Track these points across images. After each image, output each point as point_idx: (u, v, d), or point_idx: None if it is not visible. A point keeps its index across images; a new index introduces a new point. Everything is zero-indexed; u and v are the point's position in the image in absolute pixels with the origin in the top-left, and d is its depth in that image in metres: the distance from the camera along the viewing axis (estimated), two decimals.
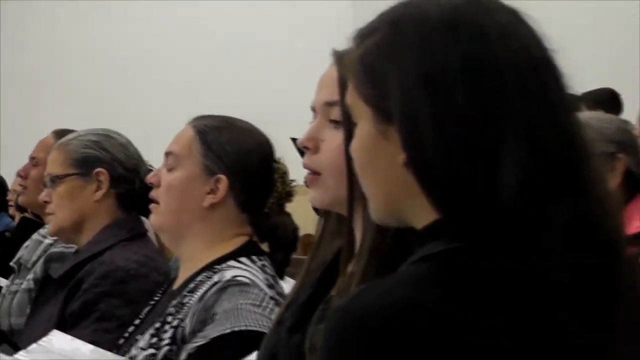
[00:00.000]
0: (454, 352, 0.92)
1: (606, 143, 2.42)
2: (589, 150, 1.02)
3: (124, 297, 2.17)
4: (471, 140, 0.95)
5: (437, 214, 0.97)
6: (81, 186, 2.33)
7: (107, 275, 2.21)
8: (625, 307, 0.98)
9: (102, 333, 2.12)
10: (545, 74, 1.00)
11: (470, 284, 0.93)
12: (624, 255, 1.00)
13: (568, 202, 0.96)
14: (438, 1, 1.01)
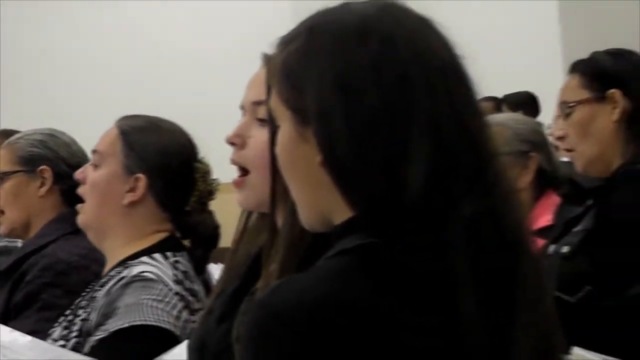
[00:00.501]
0: (377, 344, 0.95)
1: (521, 142, 2.61)
2: (494, 150, 1.07)
3: (65, 287, 2.27)
4: (381, 140, 0.99)
5: (352, 211, 1.01)
6: (26, 183, 2.44)
7: (49, 267, 2.31)
8: (527, 301, 1.02)
9: (44, 322, 2.21)
10: (452, 78, 1.05)
11: (383, 278, 0.96)
12: (527, 252, 1.04)
13: (473, 200, 1.00)
14: (352, 10, 1.06)
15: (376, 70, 1.00)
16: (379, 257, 0.97)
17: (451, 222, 0.99)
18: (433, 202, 0.99)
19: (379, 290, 0.96)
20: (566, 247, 2.20)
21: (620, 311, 2.08)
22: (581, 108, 2.27)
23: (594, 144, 2.25)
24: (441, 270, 0.98)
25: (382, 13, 1.05)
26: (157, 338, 1.74)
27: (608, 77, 2.26)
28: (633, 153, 2.20)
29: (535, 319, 1.03)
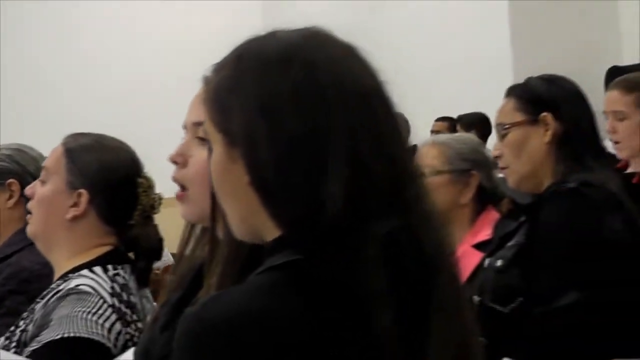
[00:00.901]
0: (298, 357, 0.99)
1: (462, 161, 2.73)
2: (415, 172, 1.11)
3: (28, 295, 2.32)
4: (302, 161, 1.03)
5: (279, 229, 1.05)
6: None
7: (14, 275, 2.41)
8: (443, 316, 1.05)
9: (6, 329, 2.30)
10: (375, 103, 1.08)
11: (307, 293, 1.00)
12: (445, 268, 1.07)
13: (391, 218, 1.03)
14: (278, 38, 1.10)
15: (297, 95, 1.04)
16: (304, 273, 1.01)
17: (369, 239, 1.02)
18: (351, 221, 1.02)
19: (304, 305, 1.00)
20: (500, 260, 2.33)
21: (550, 321, 2.21)
22: (516, 130, 2.40)
23: (527, 163, 2.39)
24: (358, 285, 1.01)
25: (306, 41, 1.09)
26: (89, 350, 1.79)
27: (541, 101, 2.39)
28: (563, 172, 2.33)
29: (451, 334, 1.06)
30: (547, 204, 2.27)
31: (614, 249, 2.22)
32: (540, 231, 2.26)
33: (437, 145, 2.78)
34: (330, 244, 1.02)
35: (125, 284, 1.97)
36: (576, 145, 2.34)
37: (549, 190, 2.29)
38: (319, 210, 1.01)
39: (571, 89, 2.43)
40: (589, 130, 2.38)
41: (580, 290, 2.19)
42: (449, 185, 2.72)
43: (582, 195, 2.24)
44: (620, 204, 2.27)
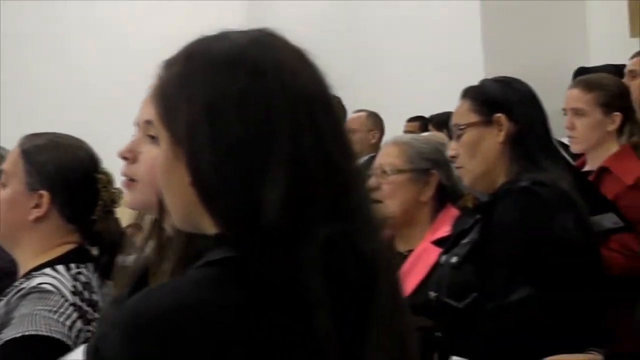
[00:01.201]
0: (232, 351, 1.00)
1: (423, 160, 2.80)
2: (358, 178, 1.12)
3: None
4: (241, 166, 1.04)
5: (217, 228, 1.06)
6: None
7: None
8: (382, 318, 1.07)
9: None
10: (319, 109, 1.09)
11: (243, 288, 1.01)
12: (384, 272, 1.09)
13: (331, 223, 1.04)
14: (228, 39, 1.10)
15: (242, 99, 1.05)
16: (243, 270, 1.02)
17: (308, 243, 1.02)
18: (289, 225, 1.02)
19: (245, 300, 1.01)
20: (455, 257, 2.40)
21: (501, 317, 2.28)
22: (470, 130, 2.47)
23: (481, 163, 2.45)
24: (297, 287, 1.02)
25: (255, 44, 1.09)
26: (49, 348, 1.81)
27: (495, 102, 2.46)
28: (516, 172, 2.40)
29: (389, 336, 1.08)
30: (500, 202, 2.33)
31: (565, 247, 2.29)
32: (493, 229, 2.33)
33: (398, 145, 2.85)
34: (268, 245, 1.03)
35: (88, 282, 1.99)
36: (529, 146, 2.41)
37: (502, 189, 2.36)
38: (257, 214, 1.02)
39: (525, 91, 2.50)
40: (541, 131, 2.45)
41: (532, 286, 2.25)
42: (409, 183, 2.79)
43: (534, 194, 2.30)
44: (572, 202, 2.34)
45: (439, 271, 2.46)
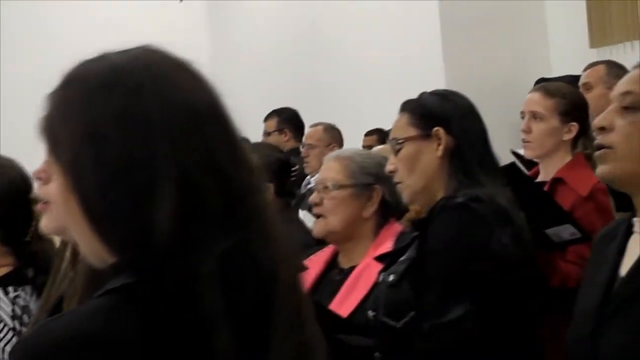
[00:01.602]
0: None
1: (365, 175, 2.74)
2: (250, 187, 1.09)
3: None
4: (127, 187, 1.02)
5: (112, 255, 1.04)
6: None
7: None
8: (283, 332, 1.06)
9: None
10: (207, 120, 1.07)
11: (143, 315, 1.00)
12: (284, 284, 1.08)
13: (226, 236, 1.03)
14: (106, 60, 1.09)
15: (121, 119, 1.04)
16: (140, 295, 1.01)
17: (203, 259, 1.02)
18: (184, 243, 1.02)
19: (141, 326, 1.00)
20: (392, 275, 2.34)
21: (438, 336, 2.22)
22: (409, 144, 2.42)
23: (420, 178, 2.40)
24: (195, 305, 1.01)
25: (134, 62, 1.08)
26: None
27: (433, 116, 2.41)
28: (454, 187, 2.35)
29: (292, 347, 1.07)
30: (436, 219, 2.29)
31: (502, 263, 2.24)
32: (429, 246, 2.28)
33: (340, 160, 2.79)
34: (164, 266, 1.01)
35: (26, 306, 1.98)
36: (467, 160, 2.37)
37: (438, 205, 2.31)
38: (149, 235, 1.01)
39: (463, 105, 2.45)
40: (480, 146, 2.40)
41: (468, 304, 2.21)
42: (351, 199, 2.73)
43: (470, 210, 2.25)
44: (509, 218, 2.29)
45: (377, 289, 2.40)
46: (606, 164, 1.87)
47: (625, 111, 1.86)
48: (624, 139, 1.85)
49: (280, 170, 3.41)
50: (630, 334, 1.80)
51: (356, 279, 2.65)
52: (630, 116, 1.85)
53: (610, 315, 1.84)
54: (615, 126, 1.86)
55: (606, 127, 1.86)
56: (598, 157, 1.89)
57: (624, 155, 1.84)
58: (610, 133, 1.86)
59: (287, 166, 3.49)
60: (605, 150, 1.86)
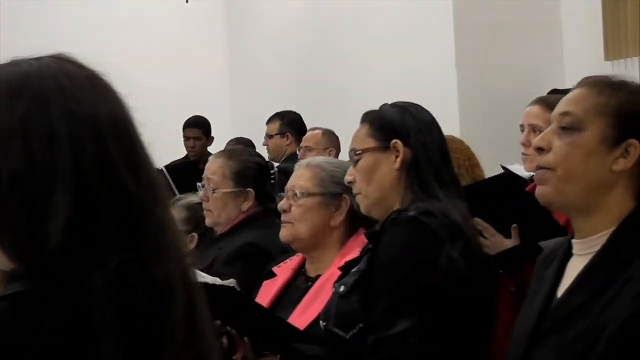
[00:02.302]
0: None
1: (334, 185, 2.73)
2: (152, 203, 1.09)
3: None
4: (26, 196, 1.03)
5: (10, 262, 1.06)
6: None
7: None
8: (176, 347, 1.07)
9: None
10: (109, 133, 1.07)
11: (32, 324, 1.01)
12: (179, 298, 1.08)
13: (121, 250, 1.04)
14: (16, 67, 1.08)
15: (24, 129, 1.04)
16: (32, 304, 1.02)
17: (96, 270, 1.03)
18: (76, 254, 1.03)
19: (31, 334, 1.01)
20: (343, 286, 2.34)
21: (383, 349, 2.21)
22: (367, 156, 2.41)
23: (377, 190, 2.39)
24: (86, 316, 1.02)
25: (43, 70, 1.08)
26: None
27: (392, 128, 2.40)
28: (410, 200, 2.34)
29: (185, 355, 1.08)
30: (387, 232, 2.28)
31: (451, 278, 2.22)
32: (379, 259, 2.27)
33: (311, 168, 2.79)
34: (56, 276, 1.03)
35: None
36: (424, 174, 2.35)
37: (390, 218, 2.30)
38: (43, 246, 1.02)
39: (423, 118, 2.44)
40: (438, 159, 2.38)
41: (414, 318, 2.19)
42: (320, 207, 2.73)
43: (421, 224, 2.24)
44: (461, 233, 2.27)
45: (330, 300, 2.40)
46: (545, 185, 1.85)
47: (563, 132, 1.84)
48: (563, 160, 1.83)
49: (260, 175, 3.41)
50: (562, 354, 1.78)
51: (320, 288, 2.64)
52: (568, 137, 1.83)
53: (544, 337, 1.83)
54: (554, 147, 1.84)
55: (545, 148, 1.84)
56: (537, 178, 1.87)
57: (563, 176, 1.82)
58: (549, 154, 1.84)
59: (266, 171, 3.48)
60: (545, 172, 1.84)
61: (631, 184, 1.81)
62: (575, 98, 1.87)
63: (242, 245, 3.19)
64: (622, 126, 1.81)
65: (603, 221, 1.81)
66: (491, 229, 3.00)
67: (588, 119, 1.81)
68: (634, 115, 1.82)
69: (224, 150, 3.45)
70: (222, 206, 3.32)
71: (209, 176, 3.36)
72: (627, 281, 1.73)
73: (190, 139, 6.52)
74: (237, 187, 3.32)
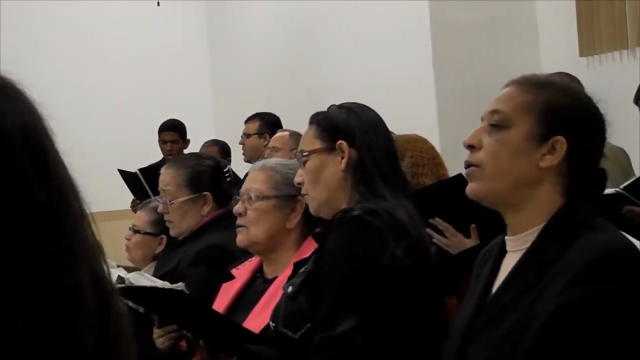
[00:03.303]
0: None
1: (289, 187, 2.73)
2: (63, 211, 1.10)
3: None
4: None
5: None
6: None
7: None
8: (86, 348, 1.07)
9: None
10: (18, 143, 1.07)
11: None
12: (89, 301, 1.08)
13: (27, 255, 1.05)
14: None
15: None
16: None
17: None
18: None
19: None
20: (291, 287, 2.35)
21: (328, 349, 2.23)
22: (314, 157, 2.43)
23: (324, 190, 2.41)
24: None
25: None
26: None
27: (338, 129, 2.42)
28: (356, 200, 2.36)
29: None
30: (332, 231, 2.29)
31: (394, 276, 2.24)
32: (323, 258, 2.29)
33: (264, 170, 2.79)
34: None
35: None
36: (369, 174, 2.37)
37: (335, 218, 2.31)
38: None
39: (368, 118, 2.44)
40: (383, 159, 2.39)
41: (358, 317, 2.21)
42: (275, 210, 2.73)
43: (364, 223, 2.25)
44: (405, 232, 2.28)
45: (279, 300, 2.41)
46: (475, 182, 1.87)
47: (492, 129, 1.86)
48: (491, 157, 1.85)
49: (213, 177, 3.40)
50: (493, 349, 1.80)
51: (276, 290, 2.65)
52: (497, 134, 1.85)
53: (477, 332, 1.85)
54: (484, 144, 1.86)
55: (475, 146, 1.86)
56: (467, 175, 1.88)
57: (492, 173, 1.84)
58: (478, 151, 1.86)
59: (219, 171, 3.45)
60: (474, 169, 1.86)
61: (559, 180, 1.82)
62: (504, 96, 1.89)
63: (205, 247, 3.20)
64: (548, 123, 1.82)
65: (532, 217, 1.83)
66: (451, 228, 3.03)
67: (515, 117, 1.83)
68: (560, 112, 1.84)
69: (173, 160, 3.44)
70: (182, 215, 3.33)
71: (163, 188, 3.37)
72: (554, 275, 1.75)
73: (167, 142, 6.53)
74: (192, 193, 3.33)
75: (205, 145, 6.60)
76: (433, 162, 3.55)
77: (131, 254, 3.71)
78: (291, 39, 7.48)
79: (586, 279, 1.69)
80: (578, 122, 1.84)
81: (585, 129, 1.84)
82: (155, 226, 3.61)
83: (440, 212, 3.07)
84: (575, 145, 1.82)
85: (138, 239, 3.68)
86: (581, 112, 1.86)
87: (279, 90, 7.42)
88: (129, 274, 2.68)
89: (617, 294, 1.66)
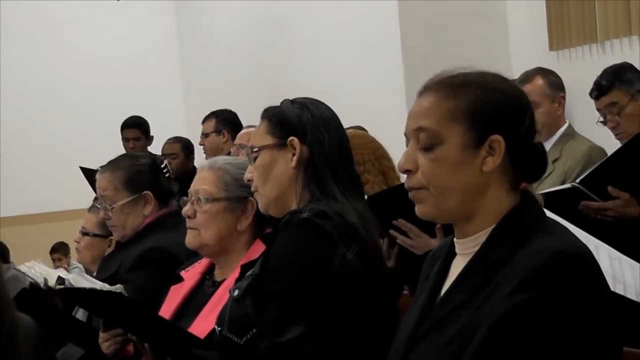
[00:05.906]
0: None
1: (240, 188, 2.62)
2: None
3: None
4: None
5: None
6: None
7: None
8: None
9: None
10: None
11: None
12: None
13: None
14: None
15: None
16: None
17: None
18: None
19: None
20: (237, 290, 2.25)
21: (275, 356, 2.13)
22: (264, 153, 2.33)
23: (274, 188, 2.31)
24: None
25: None
26: None
27: (289, 125, 2.32)
28: (307, 199, 2.26)
29: None
30: (279, 233, 2.20)
31: (344, 280, 2.15)
32: (270, 261, 2.19)
33: (214, 170, 2.67)
34: None
35: None
36: (321, 172, 2.27)
37: (283, 219, 2.22)
38: None
39: (321, 115, 2.33)
40: (336, 158, 2.29)
41: (306, 323, 2.12)
42: (225, 212, 2.62)
43: (313, 226, 2.16)
44: (356, 234, 2.19)
45: (225, 304, 2.32)
46: (422, 204, 1.76)
47: (424, 149, 1.75)
48: (431, 177, 1.73)
49: (151, 175, 3.27)
50: (438, 354, 1.71)
51: (223, 292, 2.55)
52: (431, 153, 1.73)
53: (421, 338, 1.76)
54: (420, 165, 1.74)
55: (412, 169, 1.75)
56: (413, 199, 1.77)
57: (437, 192, 1.73)
58: (417, 174, 1.74)
59: (156, 168, 3.32)
60: (419, 192, 1.75)
61: (504, 178, 1.73)
62: (424, 110, 1.75)
63: (147, 249, 3.07)
64: (478, 126, 1.71)
65: (483, 222, 1.74)
66: (416, 229, 2.92)
67: (443, 130, 1.70)
68: (487, 111, 1.71)
69: (107, 163, 3.33)
70: (124, 218, 3.21)
71: (102, 194, 3.25)
72: (502, 279, 1.66)
73: (130, 140, 6.41)
74: (132, 194, 3.21)
75: (168, 142, 6.51)
76: (375, 156, 3.46)
77: (81, 256, 3.65)
78: (261, 36, 7.40)
79: (534, 284, 1.60)
80: (507, 114, 1.72)
81: (515, 117, 1.73)
82: (104, 228, 3.50)
83: (403, 212, 2.97)
84: (512, 137, 1.71)
85: (87, 241, 3.61)
86: (506, 102, 1.73)
87: (249, 89, 7.33)
88: (69, 275, 2.59)
89: (565, 299, 1.58)
